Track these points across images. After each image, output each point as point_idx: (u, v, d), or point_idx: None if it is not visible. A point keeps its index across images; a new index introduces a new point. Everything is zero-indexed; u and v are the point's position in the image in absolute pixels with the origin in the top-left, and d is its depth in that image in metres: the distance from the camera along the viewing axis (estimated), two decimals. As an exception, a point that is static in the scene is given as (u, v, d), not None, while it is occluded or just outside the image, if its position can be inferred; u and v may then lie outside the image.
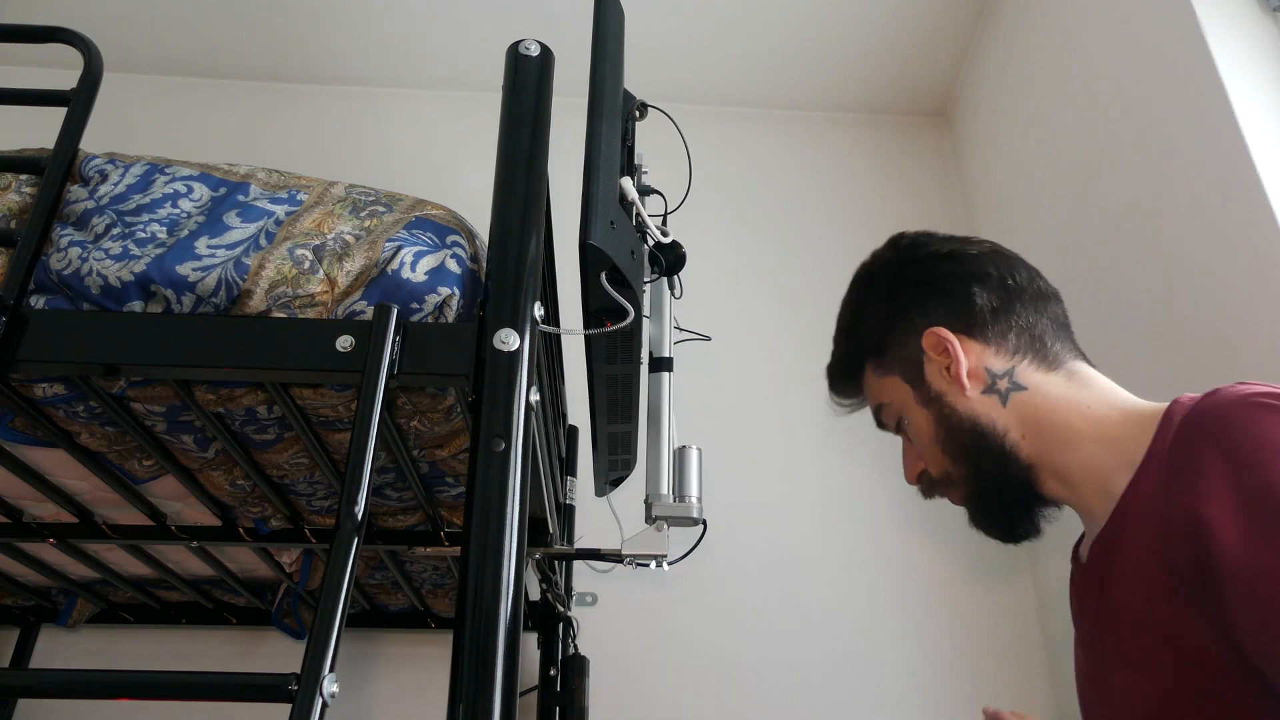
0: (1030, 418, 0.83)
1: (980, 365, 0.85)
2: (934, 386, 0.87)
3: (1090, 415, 0.80)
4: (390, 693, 1.78)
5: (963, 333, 0.86)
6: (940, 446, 0.87)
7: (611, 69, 0.98)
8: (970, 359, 0.85)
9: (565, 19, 1.89)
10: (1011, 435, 0.83)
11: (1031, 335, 0.85)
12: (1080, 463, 0.80)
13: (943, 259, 0.89)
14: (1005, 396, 0.84)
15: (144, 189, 0.94)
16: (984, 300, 0.86)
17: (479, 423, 0.74)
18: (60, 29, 1.03)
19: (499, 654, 0.65)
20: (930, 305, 0.88)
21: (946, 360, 0.86)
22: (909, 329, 0.89)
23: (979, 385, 0.85)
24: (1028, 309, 0.86)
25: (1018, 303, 0.86)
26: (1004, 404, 0.84)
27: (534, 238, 0.84)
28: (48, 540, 1.25)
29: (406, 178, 1.53)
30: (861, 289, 0.97)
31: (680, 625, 1.86)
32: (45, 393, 0.93)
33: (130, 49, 2.33)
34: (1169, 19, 1.49)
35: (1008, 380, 0.84)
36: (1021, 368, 0.84)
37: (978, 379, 0.85)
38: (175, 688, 0.72)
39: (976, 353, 0.85)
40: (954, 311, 0.86)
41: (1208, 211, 1.39)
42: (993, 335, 0.85)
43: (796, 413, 2.09)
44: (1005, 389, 0.84)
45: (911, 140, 2.50)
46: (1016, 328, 0.85)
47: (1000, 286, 0.86)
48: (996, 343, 0.85)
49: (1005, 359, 0.85)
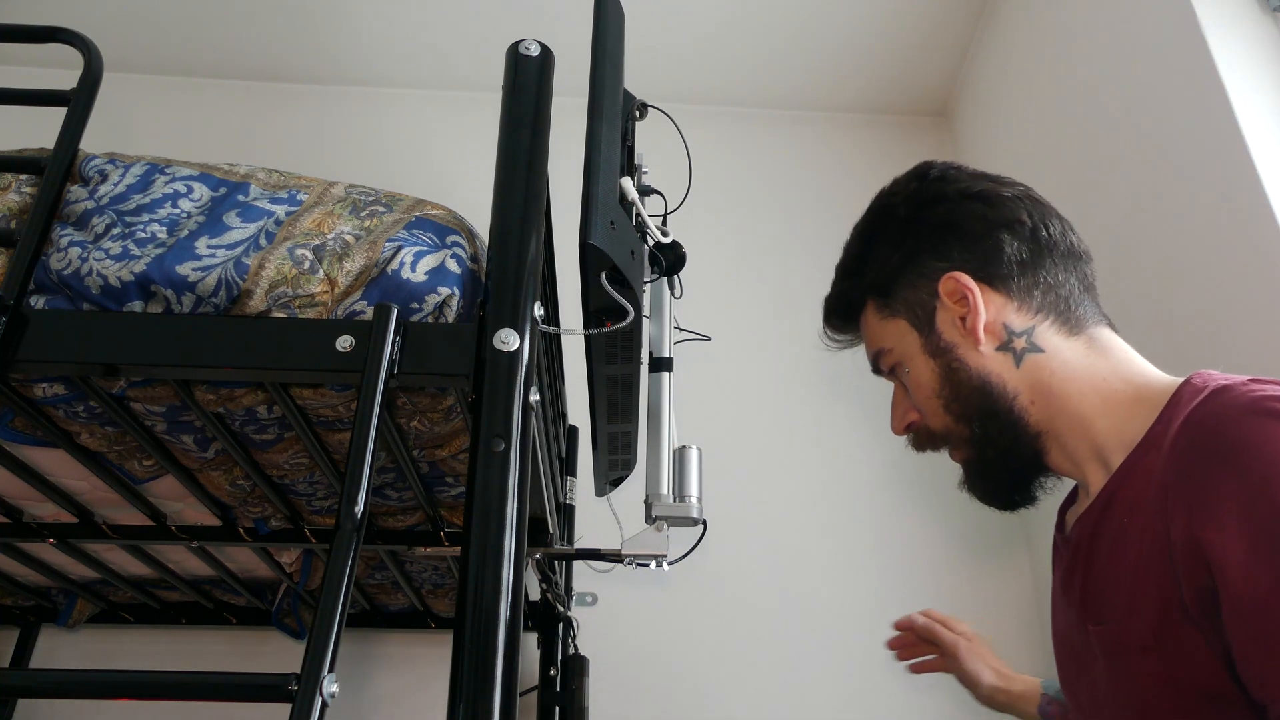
0: (1043, 383, 0.77)
1: (999, 319, 0.78)
2: (945, 337, 0.80)
3: (1104, 388, 0.75)
4: (390, 693, 1.78)
5: (984, 282, 0.79)
6: (942, 402, 0.81)
7: (611, 69, 0.98)
8: (990, 311, 0.78)
9: (565, 19, 1.89)
10: (1021, 399, 0.78)
11: (1058, 295, 0.79)
12: (1086, 435, 0.75)
13: (972, 199, 0.82)
14: (1020, 357, 0.78)
15: (144, 189, 0.94)
16: (1012, 250, 0.79)
17: (479, 423, 0.74)
18: (60, 29, 1.03)
19: (499, 654, 0.65)
20: (951, 248, 0.81)
21: (963, 310, 0.79)
22: (924, 271, 0.82)
23: (994, 341, 0.78)
24: (1058, 265, 0.79)
25: (1048, 257, 0.79)
26: (1017, 365, 0.78)
27: (534, 238, 0.84)
28: (48, 540, 1.25)
29: (406, 178, 1.53)
30: (876, 219, 0.89)
31: (680, 625, 1.86)
32: (45, 393, 0.93)
33: (130, 49, 2.33)
34: (1169, 19, 1.49)
35: (1025, 340, 0.78)
36: (1042, 328, 0.78)
37: (994, 334, 0.78)
38: (175, 688, 0.72)
39: (997, 305, 0.79)
40: (979, 258, 0.79)
41: (1208, 211, 1.39)
42: (1017, 289, 0.79)
43: (796, 413, 2.09)
44: (1021, 349, 0.78)
45: (911, 140, 2.50)
46: (1043, 284, 0.78)
47: (1032, 237, 0.79)
48: (1020, 298, 0.78)
49: (1027, 316, 0.78)
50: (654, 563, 1.17)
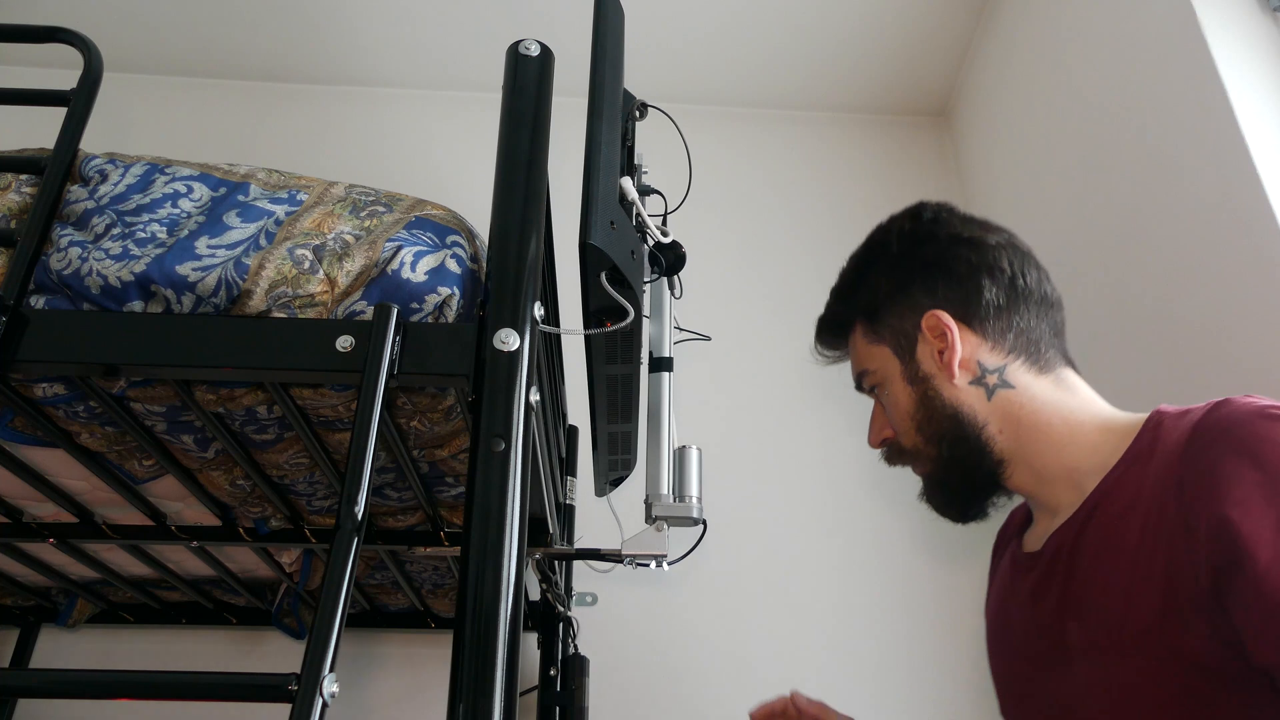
0: (1012, 415, 0.84)
1: (973, 357, 0.86)
2: (923, 367, 0.88)
3: (1071, 420, 0.83)
4: (390, 693, 1.78)
5: (963, 322, 0.86)
6: (915, 424, 0.89)
7: (611, 69, 0.98)
8: (965, 349, 0.86)
9: (565, 19, 1.89)
10: (990, 429, 0.85)
11: (1029, 338, 0.86)
12: (1057, 461, 0.82)
13: (960, 243, 0.88)
14: (991, 391, 0.85)
15: (144, 189, 0.94)
16: (991, 295, 0.86)
17: (479, 423, 0.74)
18: (60, 29, 1.03)
19: (499, 654, 0.65)
20: (938, 287, 0.88)
21: (941, 345, 0.86)
22: (911, 305, 0.89)
23: (967, 376, 0.86)
24: (1030, 312, 0.86)
25: (1023, 304, 0.86)
26: (989, 398, 0.85)
27: (534, 238, 0.84)
28: (48, 540, 1.25)
29: (406, 178, 1.53)
30: (872, 251, 0.96)
31: (680, 625, 1.86)
32: (45, 393, 0.93)
33: (130, 49, 2.33)
34: (1169, 19, 1.49)
35: (997, 376, 0.85)
36: (1013, 367, 0.85)
37: (968, 370, 0.86)
38: (175, 688, 0.72)
39: (972, 344, 0.86)
40: (960, 299, 0.86)
41: (1208, 211, 1.39)
42: (992, 331, 0.86)
43: (796, 412, 2.09)
44: (993, 384, 0.85)
45: (911, 140, 2.50)
46: (1016, 328, 0.86)
47: (1010, 285, 0.86)
48: (994, 339, 0.86)
49: (999, 356, 0.86)
50: (654, 563, 1.17)
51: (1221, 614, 0.64)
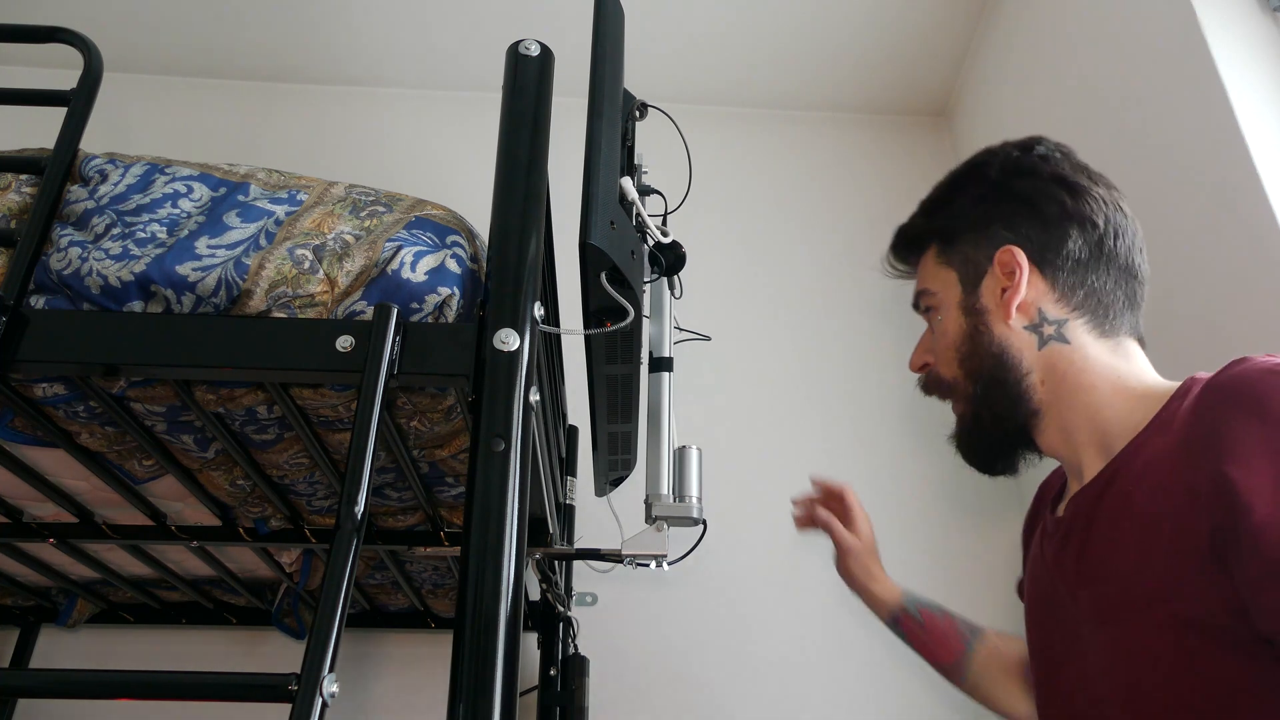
0: (1058, 370, 0.82)
1: (1035, 303, 0.84)
2: (982, 299, 0.86)
3: (1118, 384, 0.80)
4: (390, 693, 1.78)
5: (1037, 265, 0.84)
6: (958, 356, 0.87)
7: (611, 69, 0.98)
8: (1030, 293, 0.84)
9: (565, 19, 1.89)
10: (1032, 377, 0.83)
11: (1100, 299, 0.83)
12: (1090, 422, 0.80)
13: (1061, 186, 0.86)
14: (1045, 341, 0.83)
15: (144, 189, 0.94)
16: (1074, 246, 0.83)
17: (479, 423, 0.74)
18: (60, 29, 1.03)
19: (499, 654, 0.65)
20: (1021, 224, 0.85)
21: (1007, 283, 0.84)
22: (989, 235, 0.87)
23: (1024, 320, 0.84)
24: (1110, 275, 0.83)
25: (1105, 265, 0.83)
26: (1039, 347, 0.83)
27: (534, 238, 0.84)
28: (48, 540, 1.25)
29: (406, 178, 1.53)
30: (970, 172, 0.93)
31: (680, 625, 1.86)
32: (45, 393, 0.93)
33: (130, 49, 2.33)
34: (1169, 19, 1.49)
35: (1055, 328, 0.83)
36: (1075, 323, 0.83)
37: (1026, 314, 0.84)
38: (175, 688, 0.72)
39: (1039, 289, 0.84)
40: (1041, 241, 0.84)
41: (1208, 211, 1.39)
42: (1064, 281, 0.83)
43: (797, 412, 2.09)
44: (1049, 335, 0.83)
45: (911, 140, 2.50)
46: (1089, 286, 0.83)
47: (1098, 243, 0.83)
48: (1064, 290, 0.83)
49: (1064, 309, 0.83)
50: (654, 563, 1.17)
51: (1226, 577, 0.63)
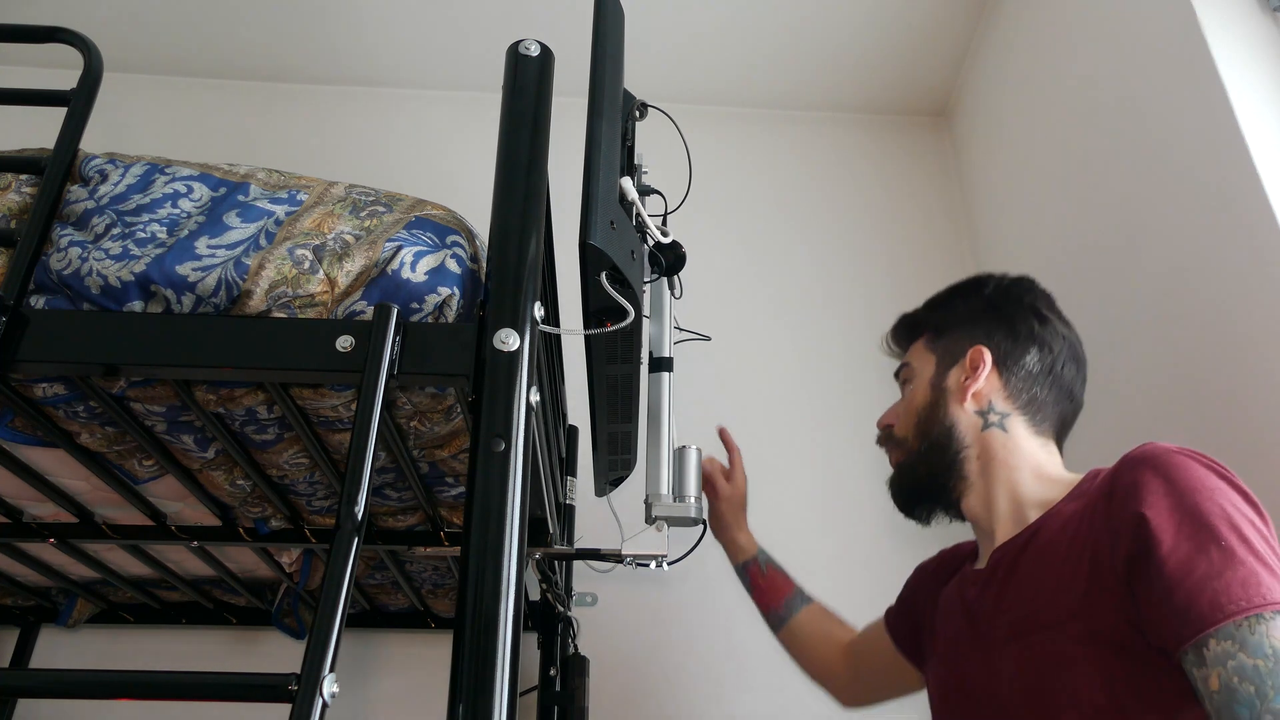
0: (991, 451, 1.01)
1: (988, 395, 1.02)
2: (947, 382, 1.05)
3: (1038, 470, 0.99)
4: (390, 693, 1.78)
5: (998, 365, 1.03)
6: (915, 419, 1.06)
7: (611, 69, 0.98)
8: (986, 385, 1.03)
9: (565, 19, 1.89)
10: (969, 452, 1.02)
11: (1038, 405, 1.02)
12: (1010, 496, 0.99)
13: (1035, 316, 1.05)
14: (988, 425, 1.02)
15: (144, 189, 0.94)
16: (1030, 360, 1.03)
17: (479, 423, 0.74)
18: (60, 29, 1.03)
19: (499, 654, 0.65)
20: (997, 334, 1.04)
21: (970, 374, 1.03)
22: (969, 335, 1.06)
23: (975, 405, 1.03)
24: (1052, 393, 1.03)
25: (1051, 384, 1.03)
26: (983, 429, 1.02)
27: (534, 238, 0.84)
28: (48, 540, 1.25)
29: (407, 178, 1.53)
30: (970, 286, 1.12)
31: (680, 625, 1.86)
32: (45, 393, 0.93)
33: (130, 49, 2.33)
34: (1169, 19, 1.49)
35: (999, 418, 1.02)
36: (1015, 418, 1.02)
37: (979, 401, 1.03)
38: (175, 688, 0.72)
39: (994, 385, 1.03)
40: (1006, 350, 1.04)
41: (1207, 211, 1.39)
42: (1014, 384, 1.02)
43: (796, 413, 2.09)
44: (992, 421, 1.02)
45: (911, 140, 2.50)
46: (1032, 394, 1.02)
47: (1051, 365, 1.03)
48: (1012, 390, 1.02)
49: (1009, 405, 1.02)
50: (654, 563, 1.17)
51: (1131, 600, 0.78)
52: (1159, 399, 1.49)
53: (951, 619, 1.03)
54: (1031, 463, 0.99)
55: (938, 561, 1.19)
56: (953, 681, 0.99)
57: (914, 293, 2.52)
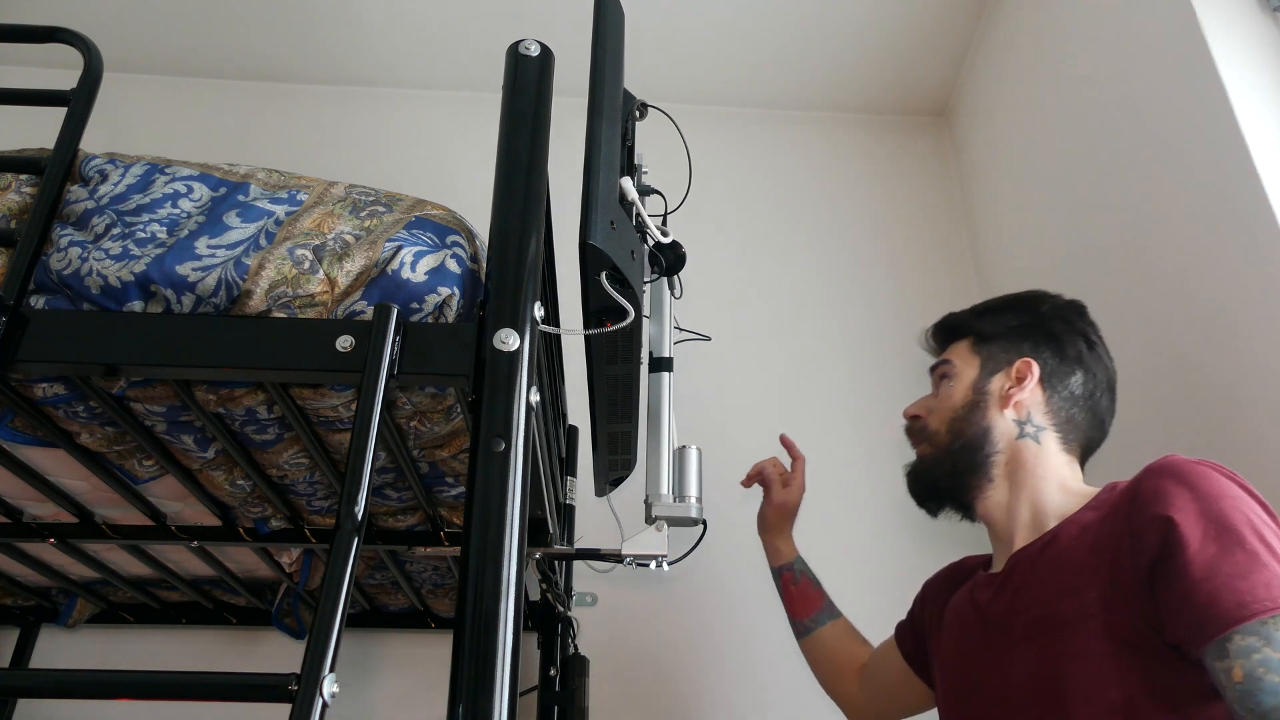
0: (1021, 461, 1.04)
1: (1028, 406, 1.06)
2: (991, 387, 1.08)
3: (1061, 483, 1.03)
4: (390, 693, 1.78)
5: (1043, 382, 1.07)
6: (952, 417, 1.09)
7: (611, 69, 0.98)
8: (1028, 397, 1.06)
9: (565, 19, 1.89)
10: (999, 458, 1.05)
11: (1074, 425, 1.06)
12: (1032, 504, 1.02)
13: (1084, 341, 1.09)
14: (1021, 435, 1.05)
15: (144, 189, 0.94)
16: (1074, 382, 1.07)
17: (479, 423, 0.74)
18: (60, 29, 1.03)
19: (499, 654, 0.65)
20: (1045, 351, 1.08)
21: (1014, 383, 1.06)
22: (1017, 348, 1.09)
23: (1015, 414, 1.06)
24: (1088, 417, 1.07)
25: (1089, 410, 1.07)
26: (1016, 438, 1.05)
27: (534, 238, 0.84)
28: (48, 540, 1.25)
29: (406, 178, 1.53)
30: (1025, 300, 1.15)
31: (680, 625, 1.86)
32: (45, 393, 0.93)
33: (130, 49, 2.33)
34: (1169, 19, 1.49)
35: (1034, 429, 1.05)
36: (1049, 433, 1.05)
37: (1019, 411, 1.06)
38: (175, 688, 0.72)
39: (1036, 397, 1.06)
40: (1053, 368, 1.07)
41: (1207, 211, 1.39)
42: (1055, 402, 1.06)
43: (797, 412, 2.09)
44: (1028, 433, 1.05)
45: (911, 140, 2.50)
46: (1070, 415, 1.06)
47: (1091, 391, 1.07)
48: (1052, 407, 1.06)
49: (1046, 420, 1.05)
50: (654, 563, 1.17)
51: (1151, 600, 0.82)
52: (1158, 398, 1.49)
53: (962, 624, 1.05)
54: (1057, 475, 1.03)
55: (945, 574, 1.21)
56: (963, 684, 1.01)
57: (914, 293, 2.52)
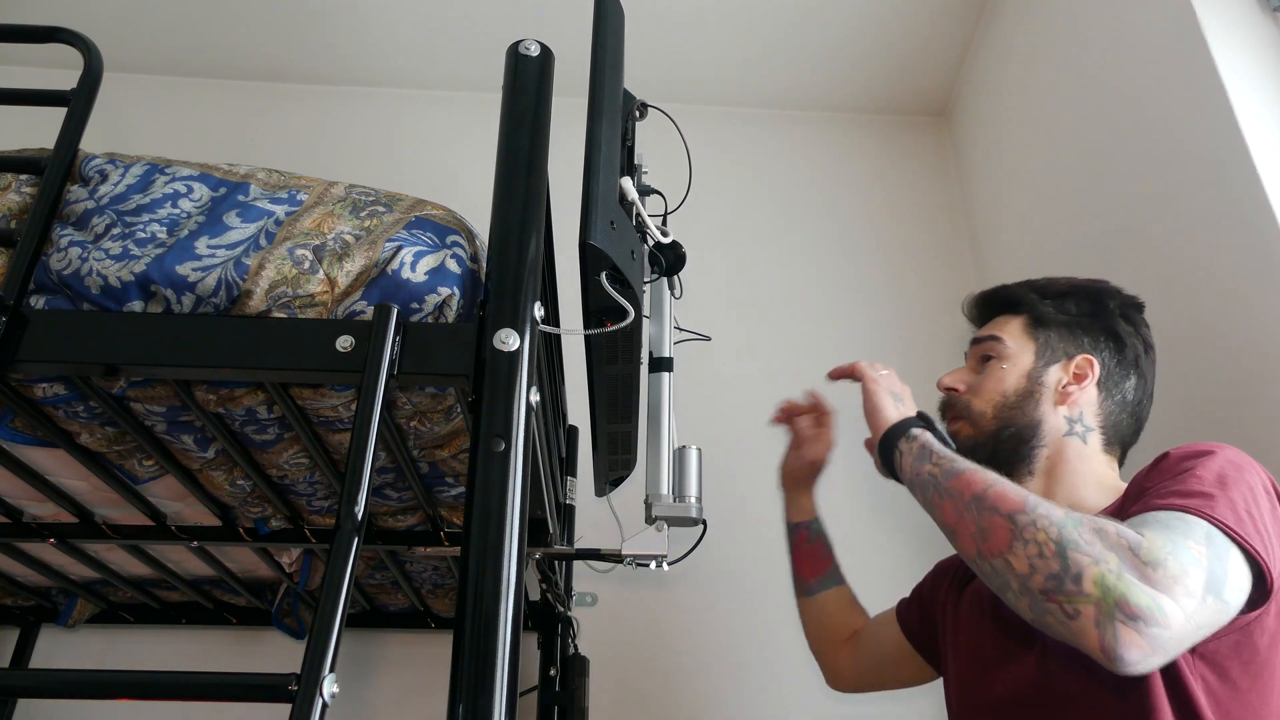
0: (1064, 454, 1.03)
1: (1082, 405, 1.05)
2: (1046, 378, 1.06)
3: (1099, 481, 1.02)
4: (390, 693, 1.78)
5: (1101, 382, 1.06)
6: (1002, 402, 1.06)
7: (611, 69, 0.98)
8: (1083, 396, 1.05)
9: (565, 19, 1.89)
10: (1042, 452, 1.04)
11: (1118, 429, 1.06)
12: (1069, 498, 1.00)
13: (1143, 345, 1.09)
14: (1071, 432, 1.04)
15: (144, 189, 0.94)
16: (1128, 387, 1.06)
17: (479, 423, 0.74)
18: (60, 29, 1.03)
19: (499, 654, 0.65)
20: (1105, 351, 1.07)
21: (1072, 379, 1.05)
22: (1078, 341, 1.07)
23: (1067, 410, 1.04)
24: (1131, 424, 1.07)
25: (1135, 417, 1.07)
26: (1064, 434, 1.04)
27: (534, 238, 0.84)
28: (48, 540, 1.25)
29: (407, 178, 1.53)
30: (1093, 289, 1.11)
31: (680, 625, 1.86)
32: (45, 393, 0.93)
33: (130, 49, 2.33)
34: (1169, 19, 1.49)
35: (1083, 428, 1.04)
36: (1096, 433, 1.04)
37: (1072, 408, 1.04)
38: (175, 688, 0.72)
39: (1090, 398, 1.05)
40: (1111, 370, 1.06)
41: (1207, 211, 1.39)
42: (1108, 405, 1.05)
43: (796, 413, 2.09)
44: (1077, 432, 1.04)
45: (911, 140, 2.50)
46: (1118, 420, 1.06)
47: (1139, 398, 1.07)
48: (1104, 410, 1.05)
49: (1096, 421, 1.05)
50: (654, 563, 1.17)
51: None
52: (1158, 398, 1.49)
53: (977, 614, 1.05)
54: (1096, 474, 1.03)
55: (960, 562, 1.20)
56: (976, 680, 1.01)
57: (914, 292, 2.52)
